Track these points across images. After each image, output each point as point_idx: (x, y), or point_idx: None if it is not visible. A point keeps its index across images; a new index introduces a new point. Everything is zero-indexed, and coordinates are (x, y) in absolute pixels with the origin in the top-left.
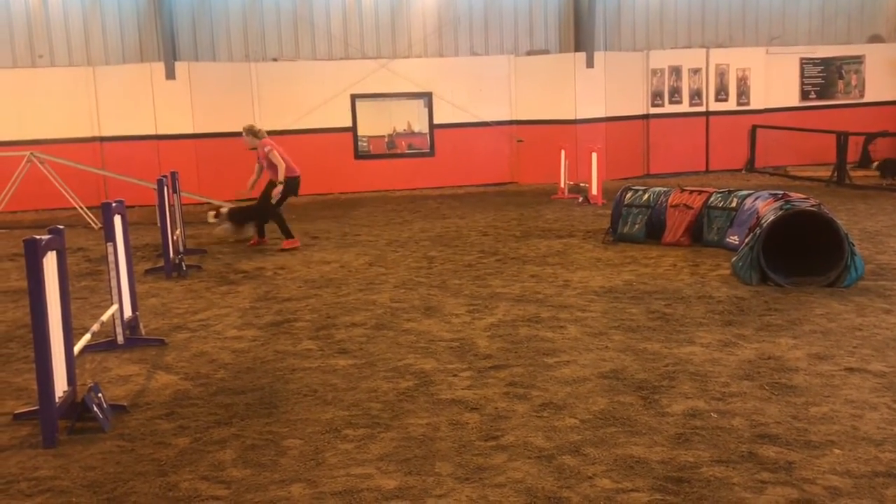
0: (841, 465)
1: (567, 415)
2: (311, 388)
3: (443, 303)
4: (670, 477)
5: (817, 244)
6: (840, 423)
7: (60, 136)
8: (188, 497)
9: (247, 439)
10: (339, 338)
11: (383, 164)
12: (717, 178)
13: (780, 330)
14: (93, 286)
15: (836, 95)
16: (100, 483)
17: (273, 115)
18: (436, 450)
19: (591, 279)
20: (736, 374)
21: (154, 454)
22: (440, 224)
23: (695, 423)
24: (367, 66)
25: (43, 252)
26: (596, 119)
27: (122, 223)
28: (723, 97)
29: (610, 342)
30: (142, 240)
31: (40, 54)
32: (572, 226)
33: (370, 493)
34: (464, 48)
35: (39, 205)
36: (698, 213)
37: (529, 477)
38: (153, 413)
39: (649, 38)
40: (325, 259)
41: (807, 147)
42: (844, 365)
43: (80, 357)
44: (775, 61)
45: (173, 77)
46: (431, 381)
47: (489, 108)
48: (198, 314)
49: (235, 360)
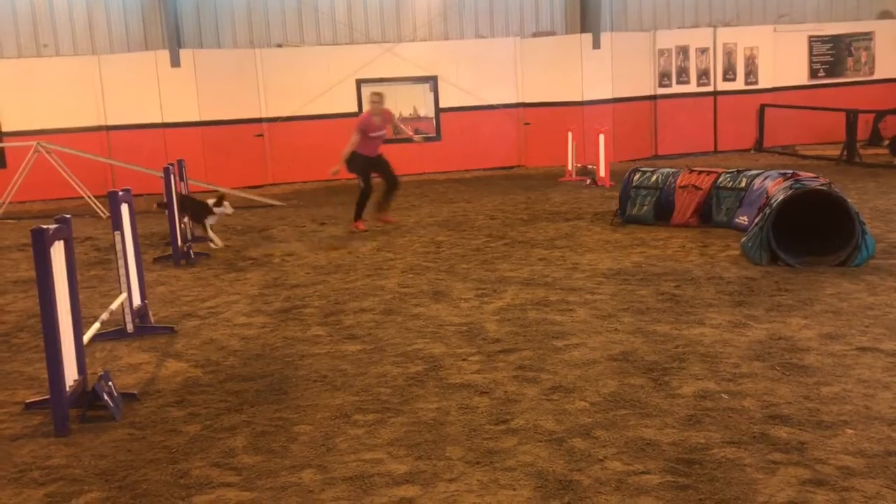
0: (853, 444)
1: (577, 398)
2: (321, 374)
3: (451, 287)
4: (681, 459)
5: (827, 223)
6: (852, 402)
7: (67, 126)
8: (199, 484)
9: (257, 426)
10: (347, 323)
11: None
12: (726, 158)
13: (790, 310)
14: (102, 275)
15: (846, 73)
16: (111, 471)
17: (279, 101)
18: (446, 434)
19: (600, 261)
20: (746, 354)
21: (165, 441)
22: (447, 208)
23: (705, 405)
24: (372, 51)
25: (50, 241)
26: (603, 100)
27: (129, 212)
28: (731, 76)
29: (619, 324)
30: (150, 228)
31: (45, 44)
32: (580, 208)
33: (381, 478)
34: (469, 31)
35: (47, 195)
36: (707, 193)
37: (540, 460)
38: (164, 401)
39: (656, 17)
40: (333, 245)
41: (816, 126)
42: (856, 344)
43: (90, 346)
44: (783, 39)
45: (178, 65)
46: (441, 366)
47: (495, 91)
48: (207, 301)
49: (245, 346)
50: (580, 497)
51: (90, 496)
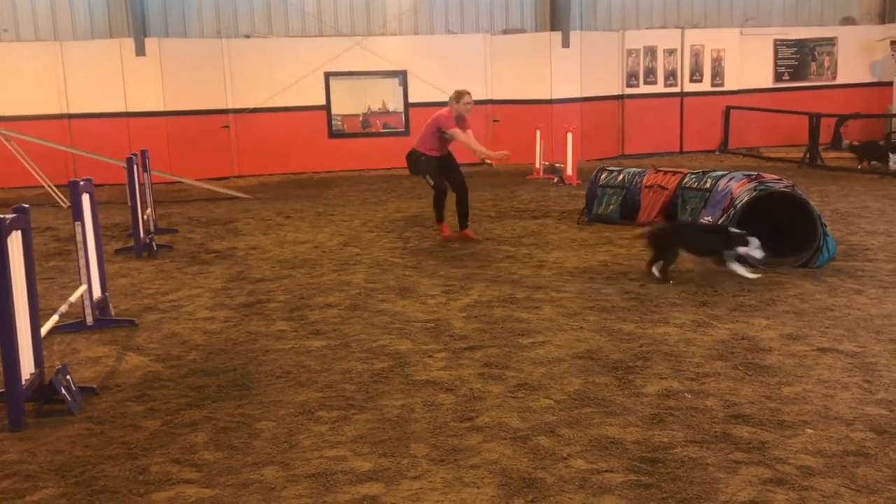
0: (813, 444)
1: (542, 395)
2: (285, 370)
3: (418, 283)
4: (645, 457)
5: (790, 225)
6: (812, 402)
7: (27, 113)
8: (159, 480)
9: (219, 422)
10: (312, 319)
11: (358, 143)
12: (692, 158)
13: (753, 310)
14: (61, 266)
15: (809, 77)
16: (68, 467)
17: (246, 92)
18: (410, 431)
19: (567, 260)
20: (710, 354)
21: (124, 437)
22: (415, 204)
23: (669, 404)
24: (342, 44)
25: (8, 231)
26: (571, 99)
27: (90, 202)
28: (697, 78)
29: (585, 322)
30: (112, 219)
31: (5, 28)
32: (547, 206)
33: (344, 475)
34: (439, 26)
35: (5, 183)
36: (672, 193)
37: (504, 458)
38: (123, 395)
39: (625, 17)
40: (299, 239)
41: (780, 128)
42: (817, 345)
43: (48, 338)
44: (749, 42)
45: (143, 53)
46: (406, 362)
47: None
48: (169, 294)
49: (207, 341)
50: (544, 495)
51: (45, 492)
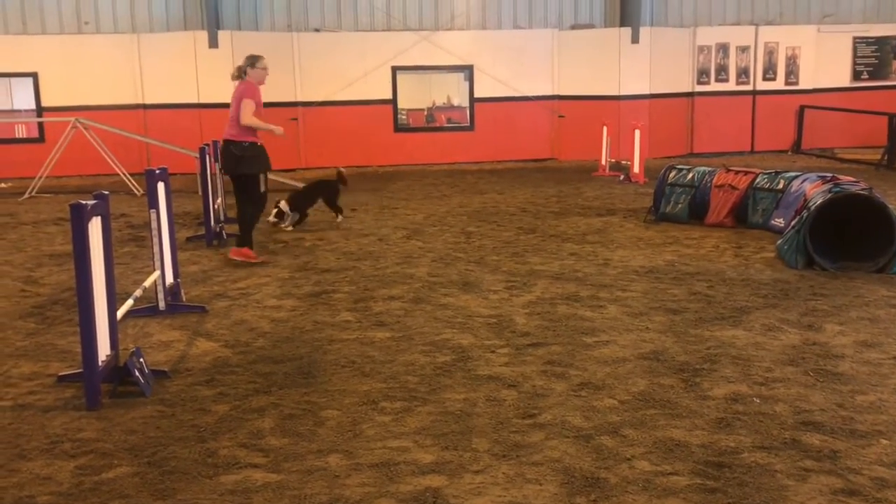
0: (888, 456)
1: (606, 395)
2: (349, 360)
3: (480, 278)
4: (711, 462)
5: (866, 229)
6: (888, 412)
7: (105, 103)
8: (227, 464)
9: (285, 408)
10: (376, 310)
11: (422, 138)
12: (763, 158)
13: (825, 315)
14: (135, 252)
15: (890, 76)
16: (141, 447)
17: (314, 85)
18: (473, 425)
19: (632, 258)
20: (780, 359)
21: (194, 420)
22: (478, 199)
23: (736, 408)
24: (409, 38)
25: (88, 217)
26: (640, 96)
27: (165, 190)
28: (770, 76)
29: (650, 323)
30: (183, 208)
31: (86, 21)
32: (613, 204)
33: (407, 467)
34: (507, 21)
35: (83, 170)
36: (743, 194)
37: (567, 456)
38: (193, 379)
39: (697, 13)
40: (364, 231)
41: (856, 129)
42: (892, 353)
43: (122, 322)
44: (827, 40)
45: (216, 46)
46: (469, 357)
47: (531, 82)
48: (238, 283)
49: (275, 329)
50: (606, 495)
51: (119, 470)
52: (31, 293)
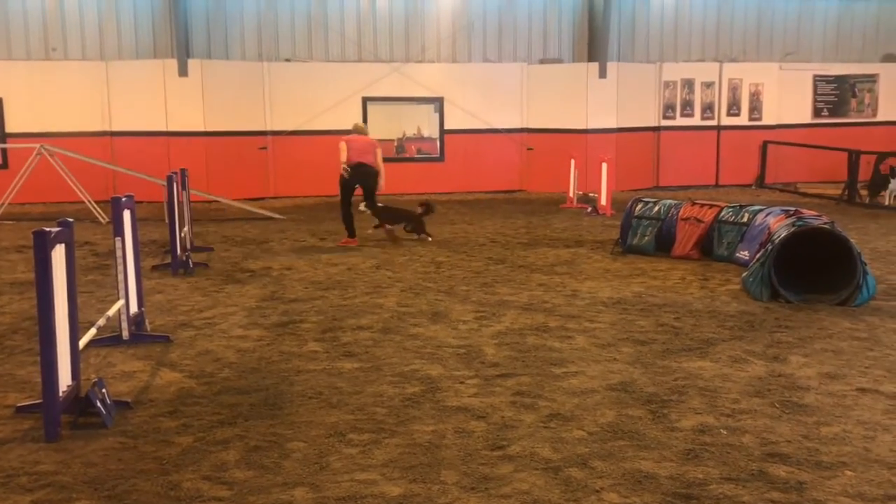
0: (853, 487)
1: (575, 426)
2: (317, 391)
3: (450, 309)
4: (679, 493)
5: (829, 262)
6: (852, 444)
7: (71, 130)
8: (190, 497)
9: (250, 440)
10: (345, 340)
11: (392, 168)
12: (727, 192)
13: (790, 347)
14: (99, 280)
15: (849, 114)
16: (101, 480)
17: (284, 115)
18: (441, 457)
19: (600, 290)
20: (746, 390)
21: (157, 452)
22: (448, 229)
23: (704, 439)
24: (380, 70)
25: (52, 244)
26: (607, 129)
27: (131, 218)
28: (735, 112)
29: (618, 354)
30: (149, 236)
31: (54, 47)
32: (581, 235)
33: (374, 500)
34: (477, 54)
35: (48, 197)
36: (709, 226)
37: (536, 488)
38: (157, 410)
39: (663, 50)
40: (332, 261)
41: (818, 164)
42: (856, 385)
43: (84, 351)
44: (788, 77)
45: (186, 74)
46: (438, 388)
47: (500, 115)
48: (203, 312)
49: (240, 359)
50: None
51: None
52: None
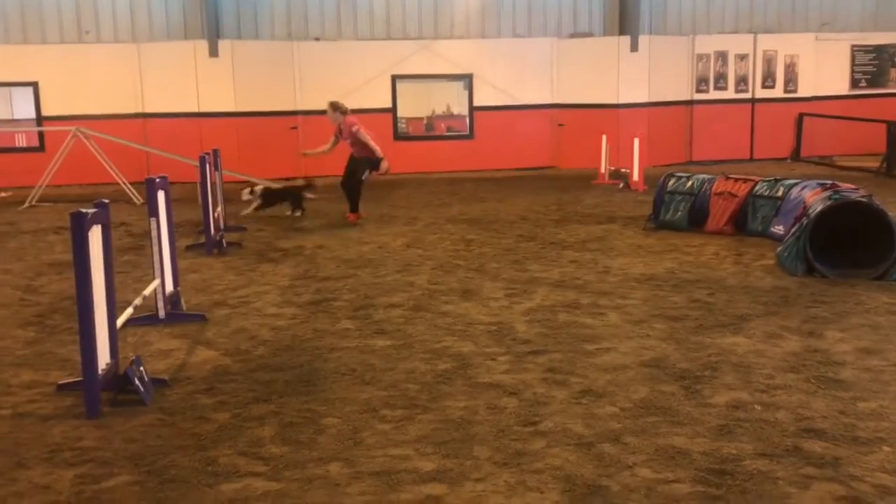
0: (890, 462)
1: (607, 402)
2: (350, 368)
3: (481, 286)
4: (712, 469)
5: (866, 236)
6: (889, 419)
7: (105, 112)
8: (227, 472)
9: (285, 416)
10: (377, 318)
11: (422, 146)
12: (762, 166)
13: (826, 322)
14: (135, 261)
15: (888, 84)
16: (141, 455)
17: (314, 94)
18: (473, 433)
19: (632, 266)
20: (781, 366)
21: (194, 428)
22: (478, 207)
23: (738, 415)
24: (409, 47)
25: (89, 225)
26: (639, 104)
27: (165, 199)
28: (769, 84)
29: (651, 330)
30: (183, 216)
31: (87, 30)
32: (612, 212)
33: (408, 475)
34: (506, 30)
35: (83, 179)
36: (743, 201)
37: (568, 464)
38: (193, 388)
39: (696, 22)
40: (364, 239)
41: (855, 136)
42: (894, 360)
43: (122, 330)
44: (825, 48)
45: (216, 55)
46: (469, 365)
47: (530, 91)
48: (238, 291)
49: (275, 337)
50: (608, 503)
51: (119, 479)
52: (31, 302)
